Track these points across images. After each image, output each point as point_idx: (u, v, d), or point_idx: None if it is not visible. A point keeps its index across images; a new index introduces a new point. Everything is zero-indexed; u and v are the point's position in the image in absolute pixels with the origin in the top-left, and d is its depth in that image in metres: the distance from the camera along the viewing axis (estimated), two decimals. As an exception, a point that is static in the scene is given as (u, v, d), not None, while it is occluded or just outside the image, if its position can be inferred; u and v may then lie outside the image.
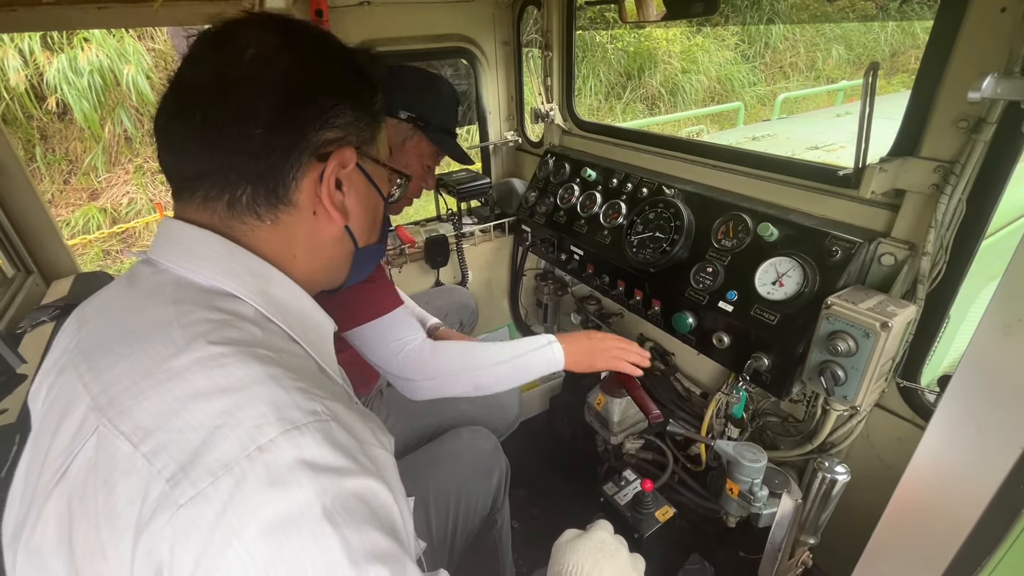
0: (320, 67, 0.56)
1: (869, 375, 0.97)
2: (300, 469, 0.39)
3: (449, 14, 1.83)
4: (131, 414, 0.41)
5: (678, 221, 1.33)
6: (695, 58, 8.69)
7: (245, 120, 0.51)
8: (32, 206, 1.46)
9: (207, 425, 0.39)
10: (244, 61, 0.52)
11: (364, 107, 0.59)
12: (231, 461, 0.38)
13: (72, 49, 5.91)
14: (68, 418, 0.45)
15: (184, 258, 0.53)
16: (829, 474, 0.92)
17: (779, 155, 1.30)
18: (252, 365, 0.44)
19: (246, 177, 0.53)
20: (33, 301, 1.40)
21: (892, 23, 10.19)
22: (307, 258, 0.59)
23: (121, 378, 0.44)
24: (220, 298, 0.51)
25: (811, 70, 9.78)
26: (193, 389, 0.42)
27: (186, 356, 0.44)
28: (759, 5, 9.27)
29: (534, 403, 2.09)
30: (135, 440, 0.40)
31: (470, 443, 1.17)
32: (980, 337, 0.40)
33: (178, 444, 0.39)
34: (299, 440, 0.40)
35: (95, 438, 0.42)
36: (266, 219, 0.55)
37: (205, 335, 0.46)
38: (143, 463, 0.39)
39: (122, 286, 0.55)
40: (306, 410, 0.42)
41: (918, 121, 0.96)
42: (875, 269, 1.06)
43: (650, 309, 1.40)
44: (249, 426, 0.39)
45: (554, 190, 1.76)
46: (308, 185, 0.55)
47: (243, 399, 0.41)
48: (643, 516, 1.19)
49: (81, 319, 0.55)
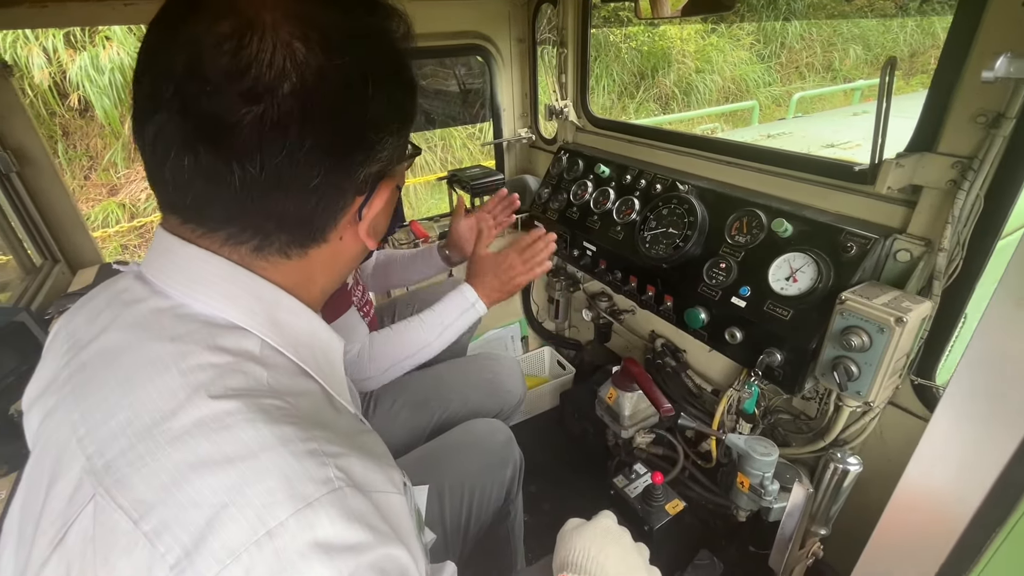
0: (373, 93, 0.46)
1: (883, 371, 0.97)
2: (313, 554, 0.36)
3: (465, 12, 1.85)
4: (130, 484, 0.38)
5: (692, 217, 1.33)
6: (709, 58, 8.63)
7: (295, 168, 0.44)
8: (60, 197, 1.50)
9: (212, 503, 0.36)
10: (281, 91, 0.41)
11: (406, 123, 0.53)
12: (239, 548, 0.35)
13: (94, 47, 6.03)
14: (62, 478, 0.42)
15: (184, 283, 0.48)
16: (842, 464, 0.92)
17: (794, 151, 1.29)
18: (259, 426, 0.40)
19: (286, 227, 0.48)
20: (60, 289, 1.44)
21: (911, 23, 10.04)
22: (324, 278, 0.56)
23: (118, 437, 0.40)
24: (223, 332, 0.47)
25: (828, 70, 9.66)
26: (196, 457, 0.38)
27: (187, 415, 0.40)
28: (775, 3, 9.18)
29: (544, 399, 2.11)
30: (135, 516, 0.37)
31: (485, 435, 1.19)
32: (990, 316, 0.40)
33: (181, 524, 0.36)
34: (311, 520, 0.37)
35: (92, 507, 0.39)
36: (294, 257, 0.51)
37: (207, 386, 0.42)
38: (144, 543, 0.36)
39: (115, 307, 0.49)
40: (319, 480, 0.39)
41: (936, 116, 0.96)
42: (890, 265, 1.06)
43: (662, 305, 1.40)
44: (258, 505, 0.36)
45: (567, 186, 1.77)
46: (346, 221, 0.52)
47: (250, 473, 0.38)
48: (653, 509, 1.19)
49: (73, 341, 0.50)
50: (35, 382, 0.53)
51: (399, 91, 0.49)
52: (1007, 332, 0.40)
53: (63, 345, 0.51)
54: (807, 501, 0.96)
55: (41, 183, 1.46)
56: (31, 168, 1.43)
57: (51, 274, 1.45)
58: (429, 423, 1.32)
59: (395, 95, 0.49)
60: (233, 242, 0.48)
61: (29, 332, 0.83)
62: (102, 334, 0.48)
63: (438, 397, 1.34)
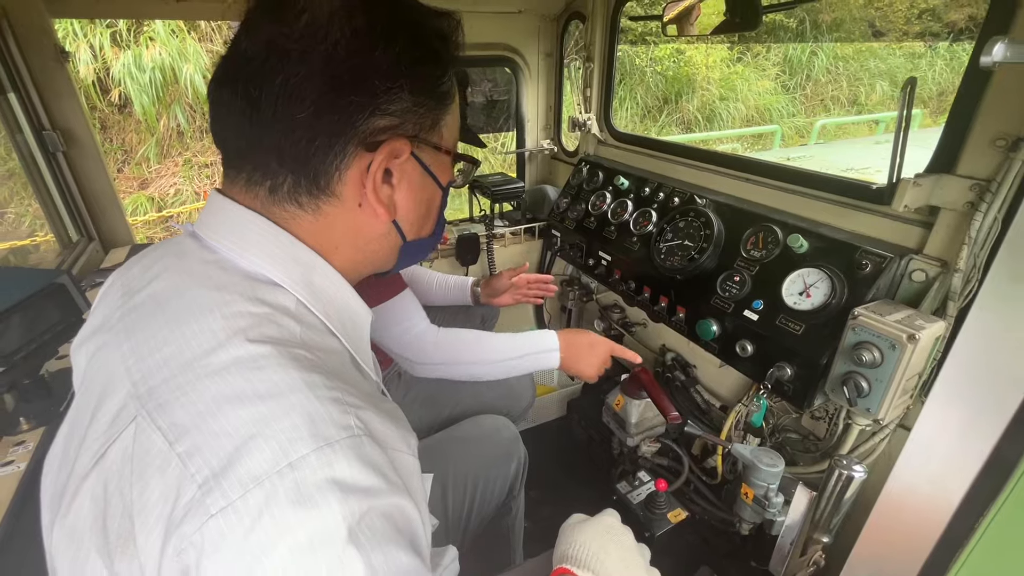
0: (379, 41, 0.49)
1: (893, 388, 0.97)
2: (329, 489, 0.38)
3: (496, 24, 1.91)
4: (169, 409, 0.41)
5: (708, 230, 1.35)
6: (734, 86, 8.70)
7: (288, 100, 0.47)
8: (100, 178, 1.57)
9: (241, 433, 0.39)
10: (297, 29, 0.47)
11: (427, 90, 0.53)
12: (262, 475, 0.37)
13: (138, 47, 6.29)
14: (108, 400, 0.45)
15: (231, 240, 0.51)
16: (846, 471, 0.92)
17: (812, 170, 1.31)
18: (289, 370, 0.43)
19: (286, 165, 0.50)
20: (93, 265, 1.50)
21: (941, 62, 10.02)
22: (350, 250, 0.57)
23: (162, 367, 0.44)
24: (263, 287, 0.50)
25: (853, 104, 9.67)
26: (230, 390, 0.41)
27: (225, 353, 0.43)
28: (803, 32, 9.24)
29: (552, 407, 2.11)
30: (171, 438, 0.40)
31: (491, 430, 1.20)
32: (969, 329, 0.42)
33: (212, 448, 0.39)
34: (330, 458, 0.39)
35: (133, 428, 0.42)
36: (307, 208, 0.52)
37: (245, 331, 0.45)
38: (177, 463, 0.39)
39: (168, 258, 0.54)
40: (340, 425, 0.41)
41: (956, 139, 0.97)
42: (905, 285, 1.06)
43: (674, 316, 1.41)
44: (282, 439, 0.39)
45: (586, 197, 1.80)
46: (354, 176, 0.52)
47: (278, 408, 0.41)
48: (655, 516, 1.19)
49: (127, 288, 0.54)
50: (85, 328, 0.57)
51: (412, 55, 0.51)
52: (984, 346, 0.42)
53: (117, 293, 0.55)
54: (810, 507, 0.95)
55: (85, 164, 1.53)
56: (77, 149, 1.51)
57: (86, 250, 1.51)
58: (438, 417, 1.34)
59: (407, 56, 0.51)
60: (255, 185, 0.52)
61: (68, 295, 0.88)
62: (154, 281, 0.52)
63: (451, 393, 1.36)
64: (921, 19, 10.23)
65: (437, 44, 0.54)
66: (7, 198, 5.12)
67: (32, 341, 0.84)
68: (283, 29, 0.47)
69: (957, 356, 0.43)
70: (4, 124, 1.40)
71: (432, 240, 0.66)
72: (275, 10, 0.48)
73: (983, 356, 0.41)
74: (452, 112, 0.59)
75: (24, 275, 0.91)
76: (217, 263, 0.51)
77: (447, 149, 0.59)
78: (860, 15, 9.95)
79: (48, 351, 0.87)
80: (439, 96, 0.55)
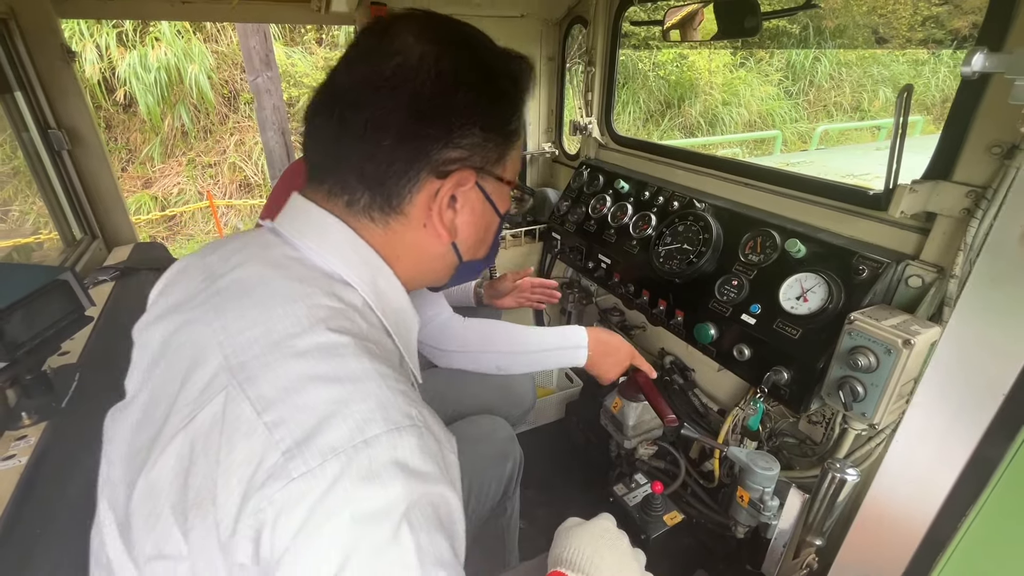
0: (459, 84, 0.55)
1: (889, 393, 0.98)
2: (395, 469, 0.42)
3: (499, 27, 1.93)
4: (257, 382, 0.46)
5: (707, 234, 1.36)
6: (736, 91, 8.71)
7: (375, 128, 0.54)
8: (105, 178, 1.59)
9: (322, 409, 0.44)
10: (388, 68, 0.54)
11: (497, 127, 0.59)
12: (339, 448, 0.42)
13: (144, 47, 6.33)
14: (199, 369, 0.50)
15: (313, 240, 0.57)
16: (839, 474, 0.92)
17: (810, 175, 1.32)
18: (364, 360, 0.48)
19: (365, 183, 0.56)
20: (96, 263, 1.51)
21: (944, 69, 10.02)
22: (410, 263, 0.62)
23: (252, 345, 0.48)
24: (338, 284, 0.55)
25: (856, 111, 9.67)
26: (314, 371, 0.46)
27: (309, 338, 0.48)
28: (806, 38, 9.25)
29: (550, 410, 2.11)
30: (259, 408, 0.44)
31: (488, 430, 1.21)
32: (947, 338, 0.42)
33: (296, 420, 0.43)
34: (398, 441, 0.44)
35: (223, 396, 0.46)
36: (378, 223, 0.58)
37: (326, 320, 0.50)
38: (264, 431, 0.43)
39: (251, 248, 0.59)
40: (406, 413, 0.46)
41: (953, 146, 0.98)
42: (902, 290, 1.07)
43: (673, 319, 1.42)
44: (358, 419, 0.43)
45: (586, 200, 1.81)
46: (422, 200, 0.57)
47: (355, 392, 0.45)
48: (651, 518, 1.19)
49: (207, 273, 0.59)
50: (158, 307, 0.61)
51: (487, 97, 0.58)
52: (965, 350, 0.43)
53: (198, 275, 0.60)
54: (803, 510, 0.95)
55: (89, 163, 1.55)
56: (82, 148, 1.52)
57: (89, 248, 1.52)
58: (440, 417, 1.34)
59: (483, 98, 0.57)
60: (335, 197, 0.58)
61: (72, 291, 0.88)
62: (237, 268, 0.57)
63: (452, 395, 1.36)
64: (924, 26, 10.25)
65: (509, 87, 0.60)
66: (11, 196, 5.16)
67: (35, 337, 0.85)
68: (377, 68, 0.54)
69: (939, 360, 0.43)
70: (11, 122, 1.41)
71: (485, 262, 0.72)
72: (372, 52, 0.56)
73: (963, 360, 0.42)
74: (516, 147, 0.64)
75: (28, 271, 0.92)
76: (299, 259, 0.57)
77: (508, 180, 0.64)
78: (863, 21, 9.97)
79: (50, 347, 0.88)
80: (507, 134, 0.61)
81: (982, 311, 0.41)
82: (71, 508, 0.72)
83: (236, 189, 6.76)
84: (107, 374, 0.99)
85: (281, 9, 1.59)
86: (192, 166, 6.80)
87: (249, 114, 6.92)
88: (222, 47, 6.94)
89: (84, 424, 0.89)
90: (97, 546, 0.57)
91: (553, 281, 1.59)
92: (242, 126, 7.01)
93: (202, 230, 6.51)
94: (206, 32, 6.81)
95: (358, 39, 0.58)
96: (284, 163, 5.46)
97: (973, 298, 0.42)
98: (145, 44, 6.35)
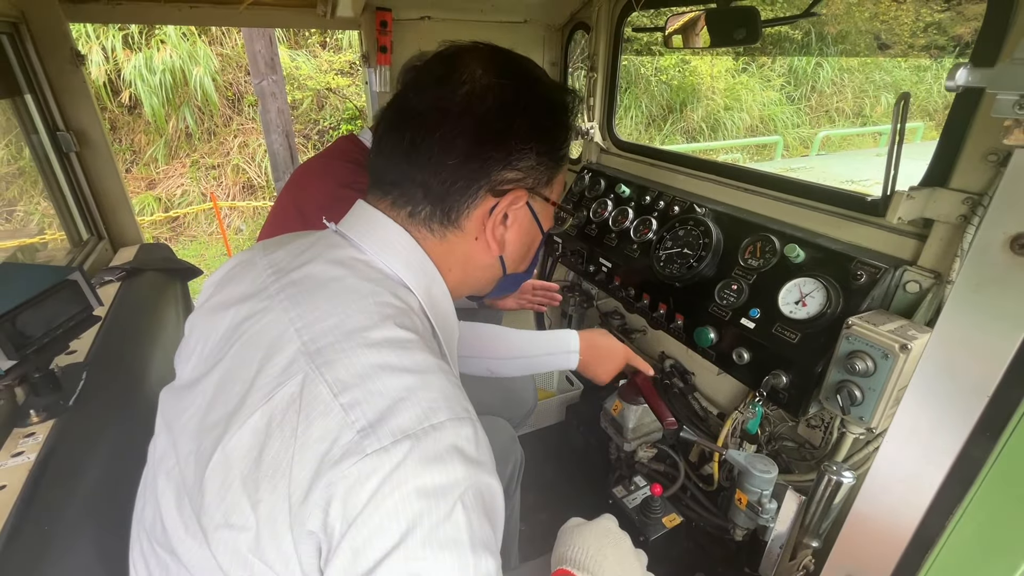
0: (519, 113, 0.62)
1: (886, 397, 0.99)
2: (456, 453, 0.47)
3: (502, 33, 1.95)
4: (334, 367, 0.50)
5: (707, 239, 1.37)
6: (739, 96, 8.73)
7: (443, 150, 0.59)
8: (111, 179, 1.61)
9: (393, 395, 0.48)
10: (458, 95, 0.60)
11: (549, 152, 0.65)
12: (408, 430, 0.46)
13: (149, 49, 6.38)
14: (278, 353, 0.53)
15: (377, 244, 0.62)
16: (835, 476, 0.93)
17: (809, 181, 1.33)
18: (428, 355, 0.53)
19: (429, 197, 0.61)
20: (102, 263, 1.53)
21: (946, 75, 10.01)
22: (460, 273, 0.67)
23: (328, 333, 0.53)
24: (399, 287, 0.61)
25: (858, 116, 9.69)
26: (385, 361, 0.50)
27: (380, 331, 0.53)
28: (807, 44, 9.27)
29: (551, 412, 2.12)
30: (335, 390, 0.48)
31: (488, 430, 1.20)
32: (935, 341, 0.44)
33: (369, 403, 0.47)
34: (459, 430, 0.48)
35: (301, 377, 0.50)
36: (436, 234, 0.64)
37: (393, 317, 0.55)
38: (339, 411, 0.47)
39: (319, 247, 0.64)
40: (463, 407, 0.51)
41: (950, 153, 0.99)
42: (899, 296, 1.08)
43: (673, 323, 1.43)
44: (425, 406, 0.48)
45: (588, 204, 1.83)
46: (478, 215, 0.63)
47: (423, 382, 0.50)
48: (650, 520, 1.20)
49: (276, 267, 0.63)
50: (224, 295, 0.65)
51: (543, 125, 0.64)
52: (950, 352, 0.44)
53: (266, 269, 0.64)
54: (799, 510, 0.96)
55: (97, 165, 1.57)
56: (89, 150, 1.54)
57: (96, 249, 1.54)
58: None
59: (539, 123, 0.64)
60: (398, 207, 0.63)
61: (80, 291, 0.90)
62: (308, 264, 0.62)
63: None
64: (927, 32, 10.27)
65: (563, 116, 0.66)
66: (16, 196, 5.19)
67: (44, 335, 0.87)
68: (447, 94, 0.60)
69: (927, 362, 0.45)
70: (20, 124, 1.43)
71: (525, 276, 0.78)
72: (443, 80, 0.61)
73: (950, 363, 0.43)
74: (563, 171, 0.71)
75: (37, 271, 0.94)
76: (365, 262, 0.62)
77: (553, 201, 0.70)
78: (866, 28, 9.99)
79: (59, 345, 0.89)
80: (557, 159, 0.67)
81: (968, 314, 0.42)
82: (78, 504, 0.74)
83: (239, 191, 6.80)
84: (114, 373, 1.01)
85: (287, 14, 1.61)
86: (196, 168, 6.84)
87: (253, 116, 6.96)
88: (227, 50, 6.98)
89: (91, 422, 0.90)
90: (151, 516, 0.60)
91: (554, 284, 1.60)
92: (246, 128, 7.05)
93: (205, 231, 6.54)
94: (211, 35, 6.86)
95: (428, 66, 0.64)
96: (288, 165, 5.49)
97: (959, 302, 0.43)
98: (151, 46, 6.39)
